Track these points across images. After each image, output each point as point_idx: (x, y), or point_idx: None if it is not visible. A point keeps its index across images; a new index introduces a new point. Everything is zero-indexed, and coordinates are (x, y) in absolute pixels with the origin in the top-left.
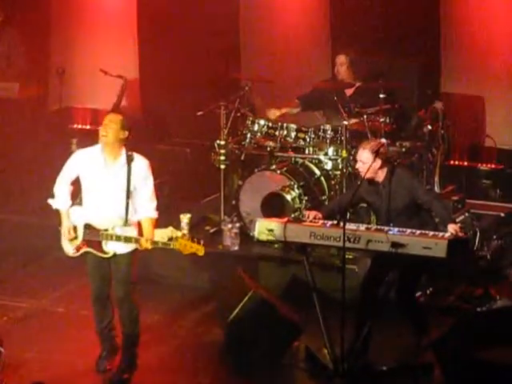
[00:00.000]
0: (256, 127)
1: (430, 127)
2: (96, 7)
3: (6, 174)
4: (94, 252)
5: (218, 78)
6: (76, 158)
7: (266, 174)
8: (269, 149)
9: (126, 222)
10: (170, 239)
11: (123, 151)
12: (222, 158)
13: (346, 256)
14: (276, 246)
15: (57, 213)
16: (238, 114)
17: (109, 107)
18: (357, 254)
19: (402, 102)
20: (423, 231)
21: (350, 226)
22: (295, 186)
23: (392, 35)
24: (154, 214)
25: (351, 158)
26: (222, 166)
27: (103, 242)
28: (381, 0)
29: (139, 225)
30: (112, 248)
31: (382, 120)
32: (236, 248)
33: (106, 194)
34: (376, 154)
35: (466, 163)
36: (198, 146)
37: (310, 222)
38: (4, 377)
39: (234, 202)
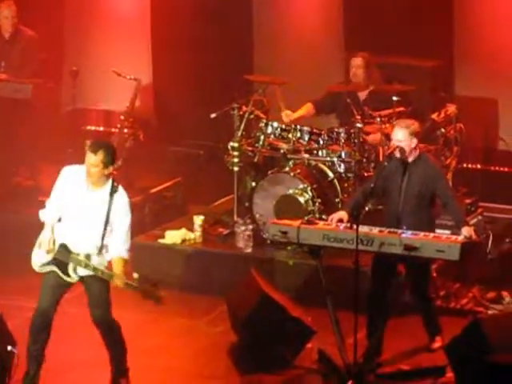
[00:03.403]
0: (269, 129)
1: (443, 130)
2: (110, 9)
3: (19, 176)
4: (59, 272)
5: (232, 79)
6: (63, 174)
7: (279, 177)
8: (282, 151)
9: (100, 252)
10: (183, 241)
11: (110, 181)
12: (236, 159)
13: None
14: (289, 248)
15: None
16: (252, 116)
17: (122, 109)
18: None
19: (415, 105)
20: (436, 234)
21: (364, 229)
22: (308, 189)
23: (405, 37)
24: (126, 255)
25: (364, 160)
26: (236, 168)
27: (70, 265)
28: (394, 1)
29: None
30: (78, 274)
31: (395, 123)
32: (249, 250)
33: (84, 219)
34: (413, 133)
35: (479, 166)
36: (212, 147)
37: (324, 224)
38: (17, 378)
39: (247, 204)
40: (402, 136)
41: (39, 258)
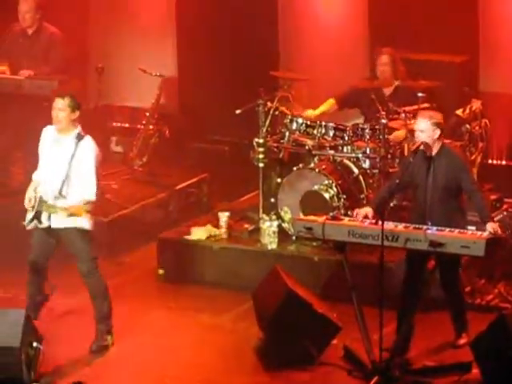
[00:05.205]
0: (294, 125)
1: (468, 126)
2: (135, 4)
3: None
4: (37, 223)
5: (257, 76)
6: (42, 134)
7: (304, 173)
8: (307, 147)
9: (60, 194)
10: (209, 237)
11: (77, 129)
12: (261, 156)
13: None
14: (314, 244)
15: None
16: (277, 113)
17: (147, 105)
18: None
19: (440, 101)
20: (461, 230)
21: (389, 225)
22: (333, 185)
23: (430, 33)
24: (89, 196)
25: (389, 156)
26: (261, 164)
27: (43, 213)
28: None
29: None
30: (50, 221)
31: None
32: (274, 246)
33: (51, 166)
34: (436, 124)
35: (504, 162)
36: (237, 144)
37: (349, 220)
38: (43, 374)
39: (272, 200)
40: (424, 126)
41: (27, 217)
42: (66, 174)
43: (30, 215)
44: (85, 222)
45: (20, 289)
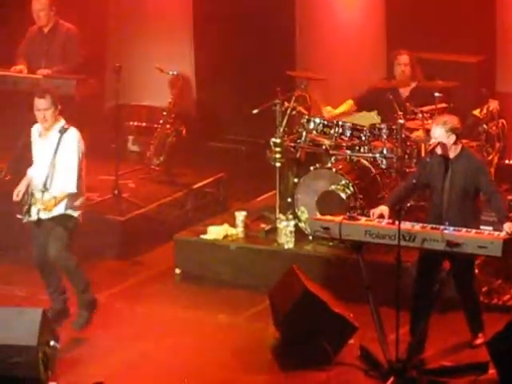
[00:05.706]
0: (311, 125)
1: (485, 126)
2: (152, 4)
3: None
4: (27, 217)
5: (274, 75)
6: (31, 133)
7: (321, 172)
8: (324, 147)
9: (44, 188)
10: (225, 236)
11: (60, 122)
12: (278, 155)
13: None
14: (331, 243)
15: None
16: (294, 112)
17: (164, 104)
18: None
19: (457, 101)
20: (478, 230)
21: (406, 225)
22: (350, 185)
23: (447, 33)
24: (70, 189)
25: (406, 156)
26: (278, 164)
27: (32, 207)
28: None
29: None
30: (37, 213)
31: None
32: (291, 246)
33: (38, 162)
34: (450, 129)
35: None
36: (254, 143)
37: (366, 220)
38: (60, 373)
39: (289, 200)
40: (438, 133)
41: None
42: (49, 167)
43: (24, 209)
44: (72, 210)
45: (37, 287)
